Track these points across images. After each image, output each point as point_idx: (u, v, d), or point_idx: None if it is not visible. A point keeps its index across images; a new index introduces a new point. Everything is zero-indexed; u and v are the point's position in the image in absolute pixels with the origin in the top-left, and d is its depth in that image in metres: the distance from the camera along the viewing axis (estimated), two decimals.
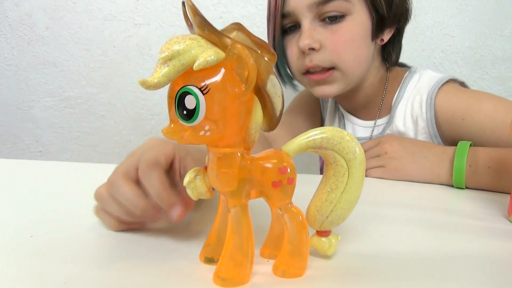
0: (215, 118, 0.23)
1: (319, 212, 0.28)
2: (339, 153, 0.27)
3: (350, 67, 0.64)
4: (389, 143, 0.61)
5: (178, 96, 0.23)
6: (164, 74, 0.22)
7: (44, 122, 1.18)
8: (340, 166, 0.27)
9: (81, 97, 1.15)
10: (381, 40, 0.68)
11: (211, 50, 0.22)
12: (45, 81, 1.15)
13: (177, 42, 0.22)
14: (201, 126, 0.23)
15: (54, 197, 0.46)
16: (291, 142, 0.27)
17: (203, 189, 0.27)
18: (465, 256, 0.32)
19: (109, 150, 1.18)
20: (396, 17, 0.66)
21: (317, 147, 0.27)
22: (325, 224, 0.29)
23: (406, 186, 0.56)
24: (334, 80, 0.65)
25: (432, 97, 0.65)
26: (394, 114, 0.70)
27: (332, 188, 0.28)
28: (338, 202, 0.28)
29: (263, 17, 1.04)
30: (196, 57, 0.22)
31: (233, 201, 0.25)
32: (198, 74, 0.22)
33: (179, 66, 0.22)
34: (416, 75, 0.71)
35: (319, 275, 0.28)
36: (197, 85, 0.22)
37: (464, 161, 0.53)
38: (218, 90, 0.23)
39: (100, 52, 1.12)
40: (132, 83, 1.13)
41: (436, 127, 0.65)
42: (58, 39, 1.12)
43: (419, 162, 0.58)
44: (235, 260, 0.26)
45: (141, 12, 1.09)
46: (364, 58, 0.66)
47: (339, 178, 0.27)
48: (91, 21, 1.10)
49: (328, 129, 0.27)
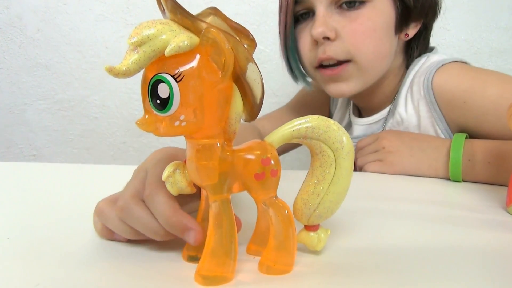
0: (191, 107, 0.22)
1: (306, 206, 0.27)
2: (325, 143, 0.26)
3: (368, 61, 0.58)
4: (387, 139, 0.59)
5: (151, 84, 0.22)
6: (134, 61, 0.21)
7: (37, 126, 1.17)
8: (326, 157, 0.26)
9: (74, 99, 1.14)
10: (405, 35, 0.62)
11: (183, 35, 0.21)
12: (37, 84, 1.14)
13: (147, 26, 0.21)
14: (176, 116, 0.22)
15: (41, 199, 0.45)
16: (274, 132, 0.26)
17: (183, 184, 0.26)
18: (463, 250, 0.31)
19: (104, 152, 1.16)
20: (423, 9, 0.60)
21: (302, 137, 0.26)
22: (313, 218, 0.28)
23: (402, 180, 0.55)
24: (349, 76, 0.59)
25: (429, 78, 0.59)
26: (397, 102, 0.65)
27: (319, 180, 0.27)
28: (325, 194, 0.27)
29: (256, 14, 1.06)
30: (167, 43, 0.21)
31: (214, 195, 0.24)
32: (171, 60, 0.21)
33: (150, 52, 0.21)
34: (422, 59, 0.64)
35: (308, 272, 0.27)
36: (170, 72, 0.21)
37: (460, 154, 0.52)
38: (193, 78, 0.21)
39: (92, 53, 1.11)
40: (126, 84, 1.11)
41: (440, 110, 0.60)
42: (49, 41, 1.11)
43: (416, 155, 0.56)
44: (217, 257, 0.25)
45: (133, 12, 1.07)
46: (385, 52, 0.60)
47: (326, 169, 0.26)
48: (83, 23, 1.09)
49: (313, 117, 0.26)
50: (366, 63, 0.58)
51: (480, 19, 0.99)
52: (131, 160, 1.15)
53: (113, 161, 1.17)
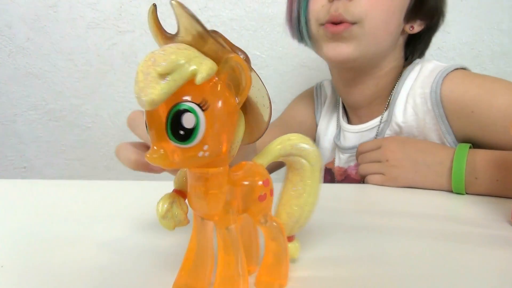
0: (215, 136, 0.21)
1: (290, 219, 0.29)
2: (305, 158, 0.27)
3: (375, 27, 0.58)
4: (391, 150, 0.58)
5: (172, 114, 0.20)
6: (165, 90, 0.19)
7: (28, 136, 1.13)
8: (306, 171, 0.28)
9: (65, 109, 1.11)
10: (411, 27, 0.63)
11: (208, 61, 0.20)
12: (28, 93, 1.11)
13: (175, 52, 0.20)
14: (200, 146, 0.20)
15: (32, 220, 0.42)
16: (263, 153, 0.27)
17: (182, 216, 0.24)
18: (465, 267, 0.30)
19: (97, 163, 1.13)
20: (431, 10, 0.62)
21: (287, 155, 0.27)
22: (295, 229, 0.29)
23: (403, 192, 0.54)
24: (352, 37, 0.58)
25: (437, 91, 0.58)
26: (393, 112, 0.64)
27: (300, 193, 0.28)
28: (305, 205, 0.28)
29: (252, 19, 1.03)
30: (196, 70, 0.19)
31: (223, 223, 0.24)
32: (194, 87, 0.20)
33: (179, 81, 0.19)
34: (417, 66, 0.64)
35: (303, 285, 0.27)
36: (195, 100, 0.20)
37: (463, 167, 0.50)
38: (217, 105, 0.21)
39: (84, 61, 1.08)
40: (118, 92, 1.09)
41: (448, 122, 0.59)
42: (39, 50, 1.08)
43: (421, 171, 0.55)
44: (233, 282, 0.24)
45: (125, 19, 1.05)
46: (391, 29, 0.60)
47: (306, 182, 0.28)
48: (74, 30, 1.07)
49: (294, 135, 0.27)
50: (372, 29, 0.58)
51: (481, 21, 0.97)
52: (125, 171, 1.10)
53: (106, 172, 1.13)
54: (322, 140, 0.78)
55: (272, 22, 1.01)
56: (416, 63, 0.65)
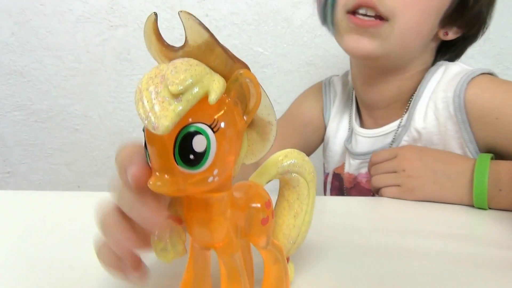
0: (226, 158, 0.20)
1: (287, 240, 0.28)
2: (302, 175, 0.27)
3: (406, 28, 0.54)
4: (408, 159, 0.55)
5: (181, 137, 0.19)
6: (179, 112, 0.18)
7: (12, 139, 1.10)
8: (303, 189, 0.28)
9: (52, 109, 1.07)
10: (445, 33, 0.60)
11: (219, 78, 0.20)
12: (11, 93, 1.07)
13: (188, 69, 0.19)
14: (210, 171, 0.20)
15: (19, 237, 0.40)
16: (260, 172, 0.26)
17: (181, 247, 0.23)
18: None
19: (86, 168, 1.10)
20: (473, 18, 0.59)
21: (285, 173, 0.27)
22: (292, 250, 0.29)
23: (419, 206, 0.52)
24: (378, 35, 0.54)
25: (460, 96, 0.56)
26: (412, 116, 0.61)
27: (297, 212, 0.28)
28: (302, 225, 0.28)
29: (255, 14, 0.99)
30: (208, 88, 0.19)
31: (227, 250, 0.23)
32: (204, 107, 0.19)
33: (193, 101, 0.18)
34: (441, 68, 0.61)
35: None
36: (206, 121, 0.19)
37: (485, 180, 0.49)
38: (228, 125, 0.20)
39: (73, 58, 1.04)
40: (110, 92, 1.05)
41: (471, 129, 0.56)
42: (25, 46, 1.04)
43: (440, 182, 0.52)
44: None
45: (117, 12, 1.01)
46: (423, 32, 0.57)
47: (303, 200, 0.28)
48: (62, 25, 1.03)
49: (290, 152, 0.27)
50: (402, 29, 0.54)
51: (503, 16, 0.92)
52: None
53: (96, 177, 1.10)
54: (332, 142, 0.75)
55: (276, 16, 0.98)
56: (440, 64, 0.63)
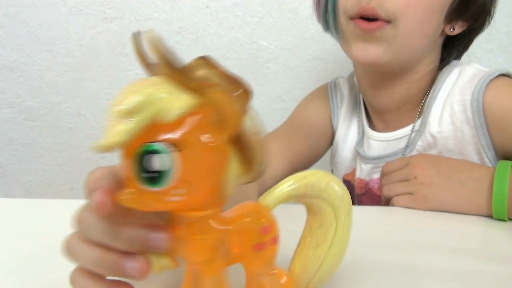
0: (194, 177, 0.20)
1: (305, 271, 0.27)
2: (326, 200, 0.25)
3: (410, 29, 0.54)
4: (420, 166, 0.54)
5: (140, 155, 0.19)
6: (125, 132, 0.18)
7: (1, 138, 1.07)
8: (327, 216, 0.26)
9: (44, 107, 1.04)
10: (451, 28, 0.59)
11: (184, 96, 0.20)
12: (1, 89, 1.04)
13: (137, 91, 0.19)
14: (173, 189, 0.20)
15: None
16: (270, 193, 0.25)
17: (166, 260, 0.23)
18: None
19: (79, 169, 1.07)
20: (478, 10, 0.58)
21: (301, 196, 0.25)
22: (312, 283, 0.27)
23: (432, 218, 0.50)
24: (383, 38, 0.54)
25: (479, 98, 0.54)
26: (427, 120, 0.60)
27: (318, 242, 0.26)
28: (326, 256, 0.26)
29: (259, 5, 0.93)
30: (165, 107, 0.19)
31: (210, 271, 0.23)
32: (169, 126, 0.19)
33: (146, 120, 0.19)
34: (456, 69, 0.61)
35: None
36: (170, 140, 0.19)
37: (505, 188, 0.47)
38: (194, 145, 0.20)
39: (65, 52, 1.01)
40: (104, 88, 1.01)
41: (489, 134, 0.55)
42: (14, 39, 1.01)
43: (455, 190, 0.51)
44: None
45: (112, 3, 0.97)
46: (428, 31, 0.57)
47: (327, 229, 0.26)
48: (54, 17, 0.99)
49: (311, 173, 0.25)
50: (406, 30, 0.54)
51: None
52: None
53: None
54: (341, 147, 0.73)
55: (282, 8, 0.94)
56: (454, 65, 0.62)
